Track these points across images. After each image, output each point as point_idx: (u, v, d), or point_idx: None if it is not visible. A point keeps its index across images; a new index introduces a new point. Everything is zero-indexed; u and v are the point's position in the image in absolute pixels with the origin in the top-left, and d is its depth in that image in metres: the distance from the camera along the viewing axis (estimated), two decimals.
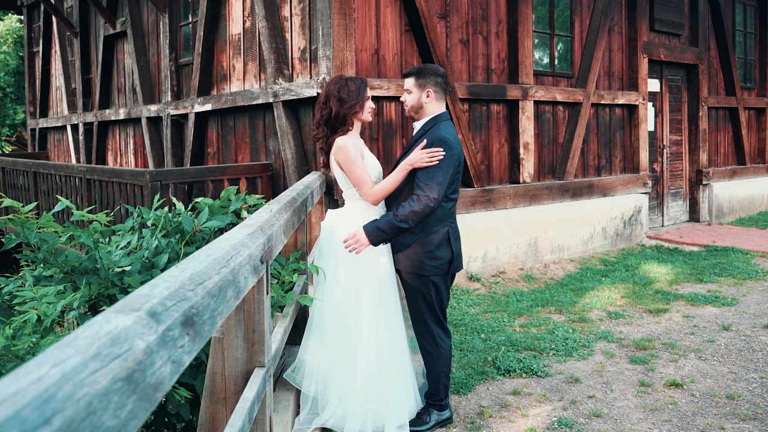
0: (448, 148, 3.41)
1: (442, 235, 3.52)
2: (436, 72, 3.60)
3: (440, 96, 3.61)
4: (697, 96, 10.08)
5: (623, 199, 8.76)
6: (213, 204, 4.22)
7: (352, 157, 3.55)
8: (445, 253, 3.52)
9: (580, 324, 5.49)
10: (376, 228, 3.40)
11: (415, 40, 6.68)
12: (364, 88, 3.68)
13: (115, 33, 10.00)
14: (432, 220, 3.50)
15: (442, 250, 3.52)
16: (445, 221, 3.53)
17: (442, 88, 3.61)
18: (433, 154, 3.42)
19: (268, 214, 3.02)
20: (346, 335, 3.55)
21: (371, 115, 3.73)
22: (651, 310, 5.80)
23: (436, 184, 3.38)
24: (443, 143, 3.43)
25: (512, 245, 7.41)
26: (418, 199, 3.36)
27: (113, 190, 7.25)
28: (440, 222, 3.52)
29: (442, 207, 3.52)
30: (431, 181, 3.39)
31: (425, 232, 3.51)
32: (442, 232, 3.52)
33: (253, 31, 7.26)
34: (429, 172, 3.41)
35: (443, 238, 3.52)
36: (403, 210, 3.37)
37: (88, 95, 11.10)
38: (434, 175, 3.40)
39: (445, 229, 3.53)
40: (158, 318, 1.31)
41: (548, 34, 8.06)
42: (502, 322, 5.58)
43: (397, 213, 3.37)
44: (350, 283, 3.54)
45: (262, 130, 7.28)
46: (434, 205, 3.37)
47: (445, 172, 3.41)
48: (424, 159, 3.44)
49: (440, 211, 3.51)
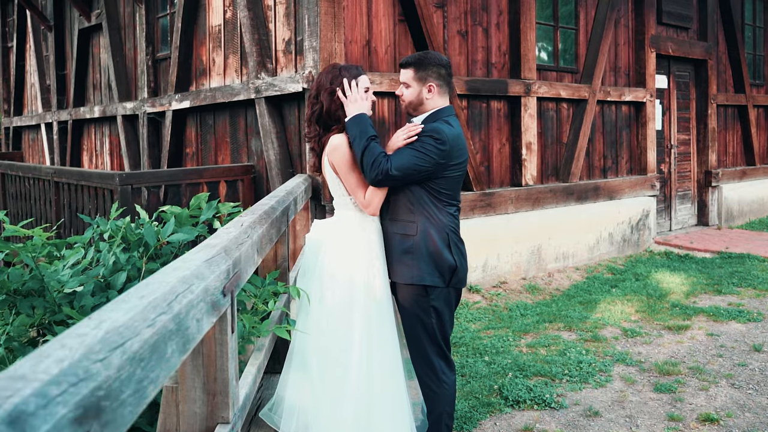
0: (437, 139, 2.89)
1: (441, 239, 2.99)
2: (439, 61, 3.05)
3: (444, 90, 3.07)
4: (706, 93, 9.57)
5: (630, 203, 8.24)
6: (180, 213, 3.67)
7: (349, 159, 3.00)
8: (446, 260, 2.98)
9: (594, 343, 4.95)
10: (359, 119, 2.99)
11: (410, 31, 6.14)
12: (359, 75, 3.11)
13: (91, 26, 9.40)
14: (430, 227, 2.97)
15: (442, 256, 2.98)
16: (444, 226, 3.00)
17: (446, 81, 3.07)
18: (411, 131, 2.94)
19: (237, 230, 2.47)
20: (331, 370, 3.00)
21: (369, 108, 3.17)
22: (670, 327, 5.27)
23: (403, 162, 2.88)
24: (435, 132, 2.91)
25: (514, 253, 6.88)
26: (384, 161, 2.87)
27: (82, 194, 6.67)
28: (439, 226, 2.99)
29: (441, 212, 2.99)
30: (400, 156, 2.90)
31: (423, 237, 2.98)
32: (442, 237, 2.99)
33: (234, 22, 6.70)
34: (405, 148, 2.93)
35: (443, 242, 2.99)
36: (371, 151, 2.89)
37: (63, 92, 10.48)
38: (404, 153, 2.91)
39: (444, 233, 3.00)
40: (28, 425, 0.78)
41: (552, 26, 7.52)
42: (507, 342, 5.04)
43: (365, 137, 2.93)
44: (338, 308, 2.98)
45: (244, 129, 6.71)
46: (383, 177, 2.86)
47: (420, 159, 2.88)
48: (400, 137, 2.96)
49: (438, 213, 2.98)
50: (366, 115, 3.01)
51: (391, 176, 2.86)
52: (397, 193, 3.02)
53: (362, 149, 2.91)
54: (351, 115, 2.99)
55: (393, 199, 3.03)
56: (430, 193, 2.97)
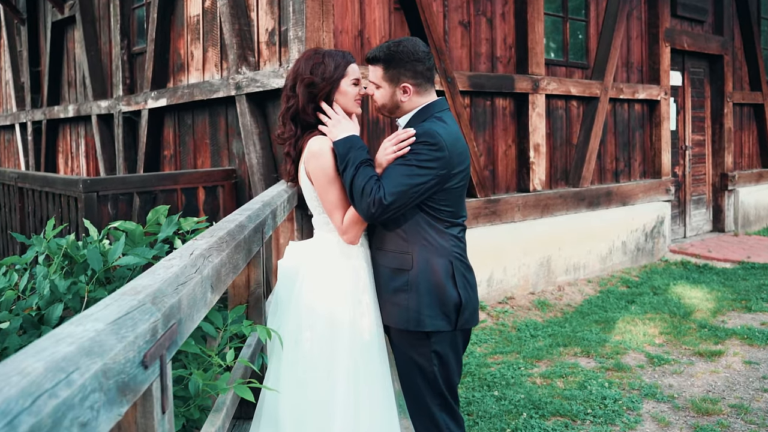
0: (432, 144, 2.26)
1: (442, 270, 2.36)
2: (414, 55, 2.36)
3: (424, 88, 2.42)
4: (722, 91, 8.98)
5: (644, 209, 7.65)
6: (133, 230, 3.07)
7: (330, 169, 2.36)
8: (450, 296, 2.36)
9: (617, 373, 4.36)
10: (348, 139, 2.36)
11: (407, 21, 5.53)
12: (347, 64, 2.49)
13: (64, 18, 8.76)
14: (429, 258, 2.35)
15: (445, 292, 2.36)
16: (447, 253, 2.38)
17: (425, 77, 2.41)
18: (401, 138, 2.30)
19: (182, 261, 1.86)
20: (310, 430, 2.40)
21: (358, 105, 2.51)
22: (701, 353, 4.68)
23: (396, 183, 2.24)
24: (428, 137, 2.27)
25: (522, 265, 6.27)
26: (375, 187, 2.24)
27: (47, 201, 6.05)
28: (440, 254, 2.36)
29: (442, 236, 2.36)
30: (391, 177, 2.26)
31: (422, 271, 2.36)
32: (443, 267, 2.36)
33: (213, 12, 6.08)
34: (394, 166, 2.29)
35: (445, 273, 2.36)
36: (360, 177, 2.26)
37: (38, 90, 9.84)
38: (395, 171, 2.27)
39: (447, 261, 2.37)
40: None
41: (561, 17, 6.92)
42: (518, 370, 4.44)
43: (358, 157, 2.30)
44: (318, 353, 2.37)
45: (225, 130, 6.10)
46: (377, 209, 2.22)
47: (416, 174, 2.24)
48: (388, 150, 2.31)
49: (439, 239, 2.36)
50: (356, 136, 2.37)
51: (386, 206, 2.22)
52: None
53: (350, 179, 2.28)
54: (337, 138, 2.35)
55: (380, 224, 2.41)
56: (428, 213, 2.34)
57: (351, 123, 2.42)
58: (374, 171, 2.29)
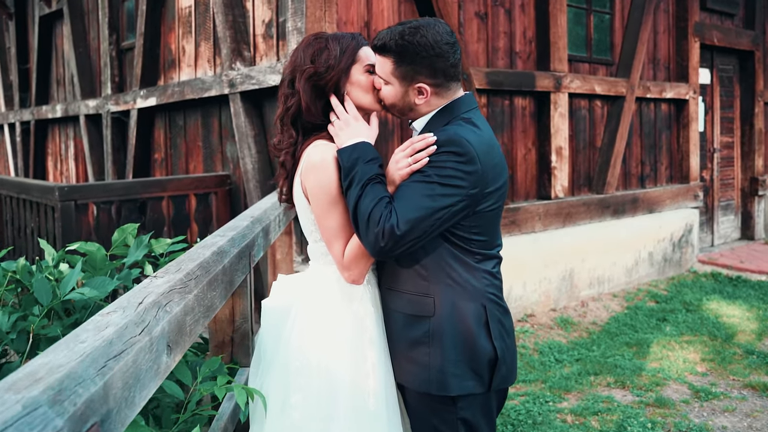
0: (462, 156, 1.71)
1: (473, 317, 1.82)
2: (434, 47, 1.78)
3: (446, 86, 1.85)
4: (753, 89, 8.41)
5: (672, 216, 7.09)
6: (94, 253, 2.55)
7: (331, 187, 1.81)
8: (483, 349, 1.82)
9: (659, 410, 3.81)
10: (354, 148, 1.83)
11: (418, 11, 5.01)
12: (358, 47, 1.91)
13: (52, 12, 8.26)
14: (457, 301, 1.81)
15: (476, 345, 1.82)
16: (479, 295, 1.84)
17: (447, 75, 1.83)
18: (418, 147, 1.75)
19: (118, 321, 1.34)
20: None
21: (376, 100, 1.92)
22: (753, 385, 4.13)
23: (414, 207, 1.69)
24: (455, 145, 1.72)
25: (543, 279, 5.73)
26: (385, 213, 1.70)
27: (24, 209, 5.55)
28: (470, 296, 1.82)
29: (473, 272, 1.82)
30: (406, 199, 1.72)
31: (447, 318, 1.82)
32: (474, 313, 1.82)
33: (206, 3, 5.57)
34: (409, 184, 1.75)
35: (477, 321, 1.82)
36: (367, 198, 1.72)
37: (26, 89, 9.35)
38: (411, 191, 1.73)
39: (479, 305, 1.83)
40: None
41: (584, 9, 6.38)
42: (545, 405, 3.90)
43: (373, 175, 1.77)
44: (308, 422, 1.84)
45: (218, 131, 5.58)
46: (387, 242, 1.68)
47: (439, 195, 1.70)
48: (401, 162, 1.77)
49: (468, 276, 1.81)
50: (366, 143, 1.82)
51: (399, 237, 1.68)
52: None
53: (355, 202, 1.75)
54: (343, 145, 1.83)
55: (393, 258, 1.85)
56: (454, 244, 1.80)
57: (363, 125, 1.88)
58: (386, 190, 1.76)
